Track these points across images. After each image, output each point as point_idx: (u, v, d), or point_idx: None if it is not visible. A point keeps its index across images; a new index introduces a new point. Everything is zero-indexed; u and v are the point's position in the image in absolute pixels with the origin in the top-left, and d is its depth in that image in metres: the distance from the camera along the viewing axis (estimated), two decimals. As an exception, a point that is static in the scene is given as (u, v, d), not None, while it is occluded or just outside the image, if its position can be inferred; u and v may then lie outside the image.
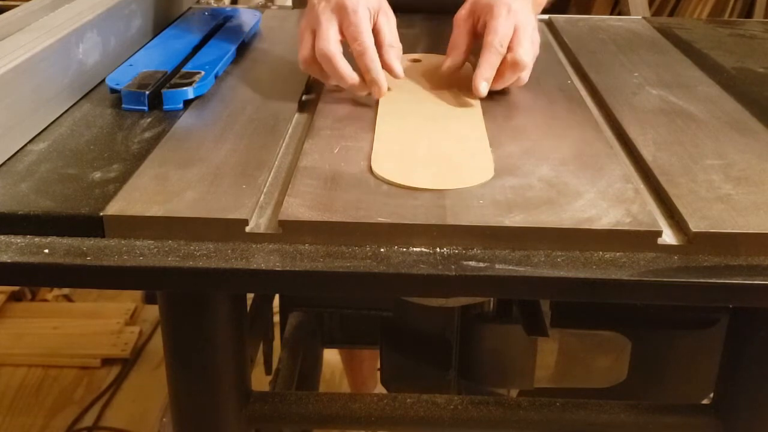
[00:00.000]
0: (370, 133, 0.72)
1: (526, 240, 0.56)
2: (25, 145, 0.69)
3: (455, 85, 0.84)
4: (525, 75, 0.81)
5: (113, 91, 0.79)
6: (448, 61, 0.84)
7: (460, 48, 0.84)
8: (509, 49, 0.78)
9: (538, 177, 0.64)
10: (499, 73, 0.79)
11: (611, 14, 2.94)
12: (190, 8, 1.14)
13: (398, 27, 0.83)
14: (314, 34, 0.78)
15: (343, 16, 0.77)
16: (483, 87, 0.79)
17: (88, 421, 1.81)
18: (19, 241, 0.57)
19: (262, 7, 1.19)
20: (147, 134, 0.71)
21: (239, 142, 0.70)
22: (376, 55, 0.78)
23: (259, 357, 1.10)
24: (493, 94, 0.81)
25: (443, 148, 0.70)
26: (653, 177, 0.65)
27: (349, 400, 0.79)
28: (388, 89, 0.80)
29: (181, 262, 0.55)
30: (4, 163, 0.65)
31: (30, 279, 0.75)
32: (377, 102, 0.79)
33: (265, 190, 0.62)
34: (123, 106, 0.77)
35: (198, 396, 0.72)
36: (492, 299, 0.96)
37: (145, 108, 0.77)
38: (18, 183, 0.62)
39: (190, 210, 0.58)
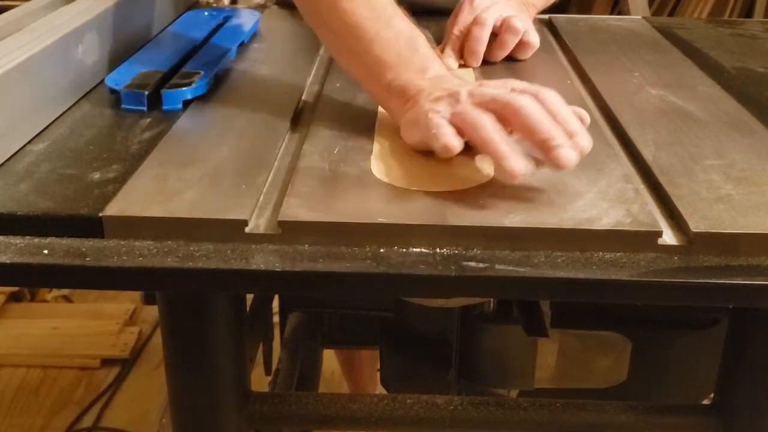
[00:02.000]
0: (370, 133, 0.72)
1: (526, 240, 0.56)
2: (25, 145, 0.69)
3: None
4: (512, 39, 0.91)
5: (113, 91, 0.79)
6: (443, 57, 0.91)
7: (449, 50, 0.93)
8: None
9: (538, 177, 0.63)
10: (469, 36, 0.91)
11: (611, 14, 2.93)
12: (189, 8, 1.14)
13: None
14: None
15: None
16: (449, 62, 0.90)
17: (87, 421, 1.81)
18: (18, 241, 0.56)
19: (262, 7, 1.19)
20: (146, 134, 0.71)
21: (239, 142, 0.70)
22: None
23: (259, 357, 1.10)
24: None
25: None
26: (653, 177, 0.65)
27: (349, 400, 0.78)
28: None
29: (181, 263, 0.55)
30: (3, 164, 0.65)
31: (29, 280, 0.76)
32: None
33: (264, 191, 0.62)
34: (122, 106, 0.77)
35: (198, 396, 0.72)
36: (492, 299, 0.96)
37: (145, 108, 0.77)
38: (17, 183, 0.62)
39: (189, 210, 0.58)
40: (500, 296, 0.92)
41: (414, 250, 0.56)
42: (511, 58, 0.94)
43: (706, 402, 0.93)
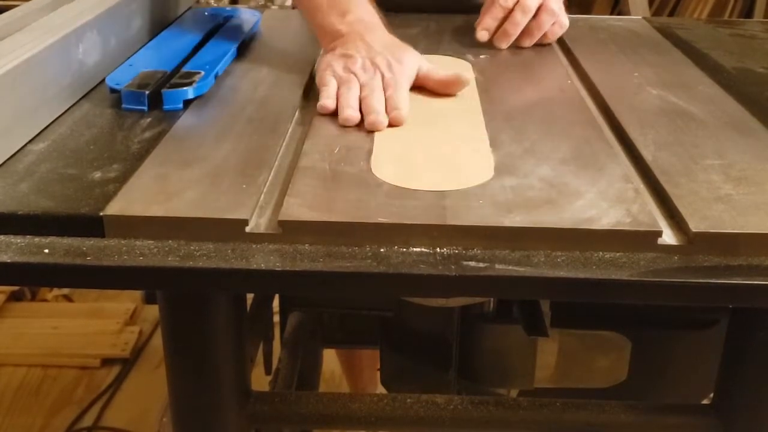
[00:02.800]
0: (371, 133, 0.72)
1: (526, 240, 0.56)
2: (26, 144, 0.69)
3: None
4: (549, 20, 0.97)
5: (113, 91, 0.79)
6: (479, 27, 0.98)
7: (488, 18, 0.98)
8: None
9: (538, 177, 0.64)
10: (512, 21, 0.95)
11: (611, 14, 2.94)
12: (190, 8, 1.14)
13: (398, 27, 0.84)
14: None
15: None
16: (482, 35, 0.97)
17: (88, 421, 1.81)
18: (19, 241, 0.57)
19: (261, 7, 1.19)
20: (147, 134, 0.71)
21: (239, 142, 0.70)
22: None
23: (259, 357, 1.10)
24: (493, 95, 0.81)
25: (443, 148, 0.70)
26: (653, 177, 0.65)
27: (349, 400, 0.79)
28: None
29: (181, 262, 0.55)
30: (4, 163, 0.65)
31: (30, 279, 0.75)
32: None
33: (265, 190, 0.62)
34: (123, 106, 0.77)
35: (198, 396, 0.72)
36: (492, 299, 0.96)
37: (145, 108, 0.77)
38: (18, 183, 0.62)
39: (190, 210, 0.58)
40: (500, 296, 0.92)
41: (414, 249, 0.56)
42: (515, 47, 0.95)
43: (706, 402, 0.93)
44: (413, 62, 0.81)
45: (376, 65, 0.79)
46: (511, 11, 0.96)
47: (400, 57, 0.81)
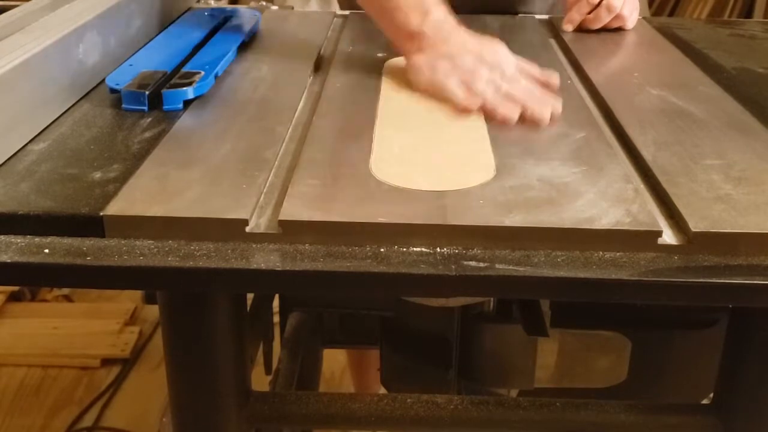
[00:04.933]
0: (371, 133, 0.72)
1: (526, 240, 0.56)
2: (26, 145, 0.69)
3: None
4: (622, 22, 1.05)
5: (113, 91, 0.79)
6: (566, 20, 1.07)
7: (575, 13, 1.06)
8: None
9: (538, 177, 0.64)
10: (596, 16, 1.04)
11: (611, 14, 2.93)
12: (190, 8, 1.14)
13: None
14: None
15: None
16: (567, 27, 1.06)
17: (88, 421, 1.80)
18: (19, 241, 0.57)
19: (262, 7, 1.19)
20: (147, 134, 0.71)
21: (239, 142, 0.70)
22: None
23: (259, 357, 1.10)
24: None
25: (444, 148, 0.70)
26: (653, 177, 0.65)
27: (349, 400, 0.79)
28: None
29: (181, 262, 0.55)
30: (4, 163, 0.65)
31: (30, 279, 0.76)
32: (378, 101, 0.79)
33: (265, 190, 0.62)
34: (123, 106, 0.77)
35: (198, 396, 0.72)
36: (492, 299, 0.96)
37: (145, 108, 0.77)
38: (18, 183, 0.62)
39: (190, 210, 0.58)
40: (500, 296, 0.92)
41: (414, 249, 0.56)
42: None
43: (706, 402, 0.93)
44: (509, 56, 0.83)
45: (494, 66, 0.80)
46: (596, 7, 1.04)
47: (497, 50, 0.82)
